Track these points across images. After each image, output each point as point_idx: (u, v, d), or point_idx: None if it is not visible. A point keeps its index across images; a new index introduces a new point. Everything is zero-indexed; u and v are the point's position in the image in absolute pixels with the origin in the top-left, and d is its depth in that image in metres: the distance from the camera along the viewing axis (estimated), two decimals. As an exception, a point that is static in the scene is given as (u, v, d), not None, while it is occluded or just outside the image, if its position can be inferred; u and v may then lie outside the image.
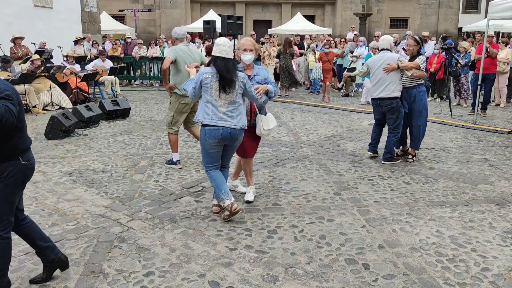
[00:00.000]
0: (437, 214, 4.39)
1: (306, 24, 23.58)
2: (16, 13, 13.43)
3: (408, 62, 5.95)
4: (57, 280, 3.18)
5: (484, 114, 9.83)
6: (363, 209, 4.51)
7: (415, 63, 5.90)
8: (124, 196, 4.84)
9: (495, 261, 3.50)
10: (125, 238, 3.82)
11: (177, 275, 3.27)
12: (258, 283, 3.16)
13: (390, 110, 6.03)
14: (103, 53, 13.31)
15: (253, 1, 29.17)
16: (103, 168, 5.87)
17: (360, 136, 7.81)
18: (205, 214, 4.35)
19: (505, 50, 10.99)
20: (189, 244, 3.73)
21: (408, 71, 5.88)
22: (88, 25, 17.29)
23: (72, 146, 7.00)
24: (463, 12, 31.18)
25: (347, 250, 3.66)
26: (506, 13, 8.14)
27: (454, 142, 7.48)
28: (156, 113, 10.01)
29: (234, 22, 13.92)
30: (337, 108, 10.93)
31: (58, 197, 4.80)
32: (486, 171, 5.83)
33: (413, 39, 6.15)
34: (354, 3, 28.26)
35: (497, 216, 4.39)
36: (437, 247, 3.72)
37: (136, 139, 7.48)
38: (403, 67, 5.86)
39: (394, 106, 5.98)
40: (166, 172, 5.70)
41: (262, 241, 3.80)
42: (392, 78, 5.94)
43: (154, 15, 27.85)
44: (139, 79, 15.76)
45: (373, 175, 5.62)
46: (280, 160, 6.26)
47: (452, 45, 11.56)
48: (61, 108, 10.09)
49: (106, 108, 9.10)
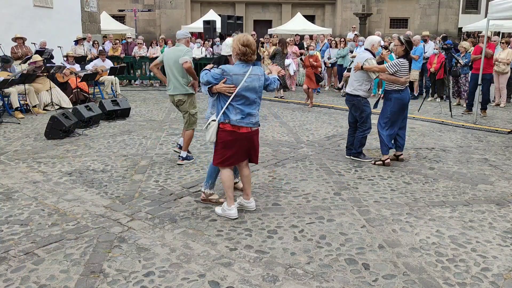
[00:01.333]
0: (437, 214, 4.40)
1: (306, 24, 23.59)
2: (16, 13, 13.43)
3: (373, 65, 5.98)
4: (57, 280, 3.18)
5: (484, 114, 9.84)
6: (363, 209, 4.51)
7: (380, 67, 5.95)
8: (124, 196, 4.84)
9: (495, 261, 3.50)
10: (125, 238, 3.82)
11: (177, 275, 3.27)
12: (258, 283, 3.16)
13: (352, 106, 6.28)
14: (103, 53, 13.32)
15: (253, 1, 29.18)
16: (103, 168, 5.87)
17: (360, 136, 7.80)
18: (205, 214, 4.35)
19: (506, 50, 10.99)
20: (189, 244, 3.73)
21: (373, 74, 6.01)
22: (88, 25, 17.29)
23: (72, 146, 7.00)
24: (463, 12, 31.21)
25: (347, 250, 3.66)
26: (506, 13, 8.14)
27: (454, 142, 7.48)
28: (156, 113, 10.01)
29: (234, 22, 13.93)
30: (337, 108, 10.93)
31: (58, 197, 4.80)
32: (486, 171, 5.83)
33: (398, 39, 6.06)
34: (354, 3, 28.27)
35: (497, 216, 4.39)
36: (437, 247, 3.72)
37: (136, 139, 7.48)
38: (366, 68, 5.99)
39: (355, 103, 6.21)
40: (166, 172, 5.71)
41: (262, 241, 3.80)
42: (356, 76, 6.16)
43: (154, 15, 27.87)
44: (139, 79, 15.76)
45: (373, 175, 5.62)
46: (280, 160, 6.26)
47: (451, 45, 11.56)
48: (61, 108, 10.09)
49: (106, 108, 9.10)
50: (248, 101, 4.08)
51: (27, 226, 4.07)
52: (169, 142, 7.28)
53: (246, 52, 3.98)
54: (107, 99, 9.97)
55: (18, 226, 4.06)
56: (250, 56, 4.01)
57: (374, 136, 7.79)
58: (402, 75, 5.80)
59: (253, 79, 4.05)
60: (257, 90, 4.12)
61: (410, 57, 6.00)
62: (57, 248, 3.63)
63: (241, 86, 4.01)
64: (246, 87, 4.03)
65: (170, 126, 8.53)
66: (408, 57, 5.92)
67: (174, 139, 7.41)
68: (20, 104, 9.59)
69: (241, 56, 4.02)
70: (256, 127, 4.20)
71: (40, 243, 3.72)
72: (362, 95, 6.15)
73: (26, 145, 7.04)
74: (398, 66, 5.78)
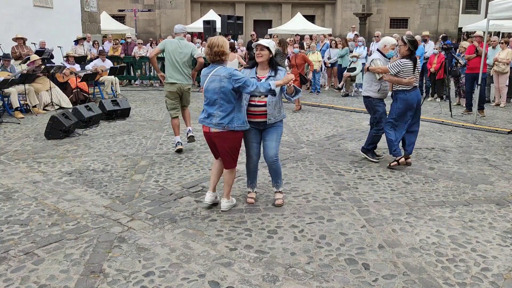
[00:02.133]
0: (437, 214, 4.40)
1: (306, 24, 23.61)
2: (16, 13, 13.44)
3: (377, 66, 5.99)
4: (57, 280, 3.18)
5: (482, 114, 9.80)
6: (363, 209, 4.51)
7: (383, 68, 5.94)
8: (124, 196, 4.84)
9: (495, 261, 3.49)
10: (125, 238, 3.82)
11: (177, 275, 3.27)
12: (258, 283, 3.16)
13: (367, 107, 6.40)
14: (103, 53, 13.32)
15: (253, 1, 29.19)
16: (103, 168, 5.87)
17: (360, 136, 7.80)
18: (205, 214, 4.35)
19: (506, 50, 10.99)
20: (189, 244, 3.73)
21: (377, 74, 6.04)
22: (88, 25, 17.29)
23: (72, 146, 7.00)
24: (463, 12, 31.22)
25: (347, 250, 3.66)
26: (506, 13, 8.14)
27: (454, 142, 7.48)
28: (156, 113, 10.01)
29: (234, 22, 13.93)
30: (337, 108, 10.93)
31: (58, 197, 4.80)
32: (486, 171, 5.83)
33: (401, 39, 6.01)
34: (354, 3, 28.29)
35: (497, 216, 4.39)
36: (437, 247, 3.72)
37: (136, 139, 7.48)
38: (371, 69, 6.04)
39: (367, 104, 6.31)
40: (166, 172, 5.71)
41: (262, 241, 3.80)
42: (366, 78, 6.29)
43: (154, 15, 27.88)
44: (139, 79, 15.76)
45: (373, 175, 5.62)
46: (280, 160, 6.24)
47: (452, 45, 11.57)
48: (61, 108, 10.09)
49: (106, 108, 9.10)
50: (209, 101, 4.20)
51: (27, 226, 4.07)
52: (169, 142, 7.28)
53: (209, 53, 4.18)
54: (107, 99, 9.97)
55: (18, 226, 4.06)
56: (213, 58, 4.16)
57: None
58: (405, 76, 5.77)
59: (213, 79, 4.14)
60: (217, 91, 4.11)
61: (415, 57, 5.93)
62: (57, 248, 3.63)
63: (204, 86, 4.22)
64: (206, 87, 4.20)
65: (170, 126, 8.52)
66: (413, 57, 5.84)
67: (174, 139, 7.42)
68: (20, 104, 9.60)
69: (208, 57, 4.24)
70: (216, 128, 4.17)
71: (40, 243, 3.72)
72: (373, 95, 6.14)
73: (26, 145, 7.05)
74: (399, 67, 5.76)
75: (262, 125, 4.44)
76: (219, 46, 4.11)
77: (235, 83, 4.06)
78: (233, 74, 4.09)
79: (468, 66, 10.04)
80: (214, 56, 4.14)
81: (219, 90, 4.10)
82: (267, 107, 4.34)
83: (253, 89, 4.07)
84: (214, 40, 4.15)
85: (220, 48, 4.11)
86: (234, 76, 4.07)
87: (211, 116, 4.18)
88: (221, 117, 4.13)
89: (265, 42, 4.40)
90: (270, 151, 4.46)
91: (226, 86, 4.07)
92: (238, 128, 4.18)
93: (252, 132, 4.46)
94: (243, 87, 4.08)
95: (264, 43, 4.38)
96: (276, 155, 4.50)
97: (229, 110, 4.13)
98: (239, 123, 4.18)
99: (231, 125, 4.14)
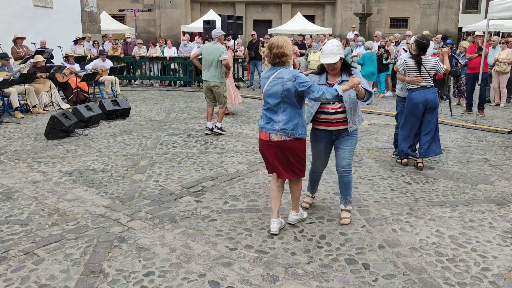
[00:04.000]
0: (437, 214, 4.40)
1: (306, 24, 23.60)
2: (16, 13, 13.44)
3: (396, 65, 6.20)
4: (57, 280, 3.18)
5: (481, 114, 9.80)
6: (363, 209, 4.51)
7: (396, 66, 6.12)
8: (124, 196, 4.84)
9: (495, 261, 3.50)
10: (125, 238, 3.82)
11: (177, 275, 3.27)
12: (258, 283, 3.16)
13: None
14: (104, 53, 13.32)
15: (253, 1, 29.19)
16: (103, 168, 5.87)
17: (360, 136, 7.79)
18: (205, 214, 4.35)
19: (506, 50, 10.99)
20: (189, 244, 3.73)
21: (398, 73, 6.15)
22: (88, 25, 17.30)
23: (72, 146, 7.00)
24: (463, 12, 31.22)
25: (347, 250, 3.66)
26: (506, 13, 8.14)
27: (454, 142, 7.48)
28: (156, 113, 10.01)
29: (234, 22, 13.90)
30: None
31: (58, 197, 4.80)
32: (486, 171, 5.83)
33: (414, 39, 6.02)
34: (354, 3, 28.28)
35: (497, 216, 4.39)
36: (437, 247, 3.72)
37: (136, 139, 7.48)
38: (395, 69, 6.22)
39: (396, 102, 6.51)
40: (166, 172, 5.71)
41: (262, 241, 3.80)
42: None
43: (154, 15, 27.87)
44: (139, 79, 15.75)
45: (373, 175, 5.62)
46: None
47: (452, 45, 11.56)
48: (61, 108, 10.09)
49: (106, 108, 9.10)
50: (271, 105, 3.81)
51: (27, 226, 4.07)
52: (169, 142, 7.28)
53: (268, 55, 3.83)
54: (107, 99, 9.96)
55: (18, 226, 4.06)
56: (272, 60, 3.80)
57: (374, 136, 7.80)
58: (408, 74, 5.77)
59: (275, 83, 3.76)
60: (279, 95, 3.73)
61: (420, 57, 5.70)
62: (57, 248, 3.64)
63: (264, 90, 3.85)
64: (267, 91, 3.81)
65: (170, 126, 8.53)
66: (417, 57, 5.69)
67: (174, 139, 7.42)
68: (20, 104, 9.59)
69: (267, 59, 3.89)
70: (278, 134, 3.77)
71: (40, 243, 3.72)
72: (399, 94, 6.34)
73: (26, 145, 7.05)
74: (403, 65, 5.84)
75: (335, 134, 4.15)
76: (279, 47, 3.73)
77: (300, 86, 3.69)
78: (298, 76, 3.72)
79: (470, 66, 10.03)
80: (273, 58, 3.77)
81: (282, 94, 3.72)
82: (347, 113, 4.04)
83: (318, 95, 3.69)
84: (274, 41, 3.78)
85: (280, 50, 3.73)
86: (299, 79, 3.71)
87: (272, 121, 3.79)
88: (284, 122, 3.75)
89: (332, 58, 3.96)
90: (343, 161, 4.13)
91: (290, 88, 3.70)
92: (302, 136, 3.82)
93: (324, 141, 4.20)
94: (308, 92, 3.70)
95: (332, 60, 3.96)
96: (349, 166, 4.15)
97: (293, 115, 3.77)
98: (304, 130, 3.83)
99: (295, 131, 3.77)
